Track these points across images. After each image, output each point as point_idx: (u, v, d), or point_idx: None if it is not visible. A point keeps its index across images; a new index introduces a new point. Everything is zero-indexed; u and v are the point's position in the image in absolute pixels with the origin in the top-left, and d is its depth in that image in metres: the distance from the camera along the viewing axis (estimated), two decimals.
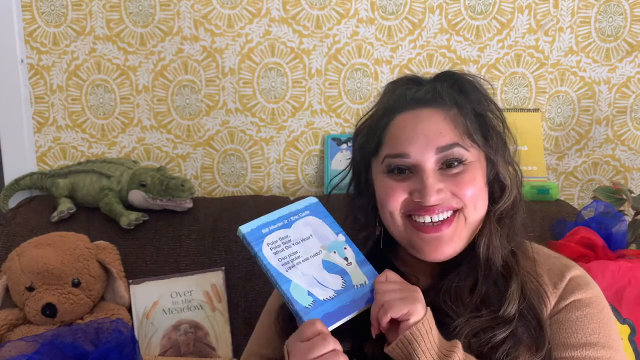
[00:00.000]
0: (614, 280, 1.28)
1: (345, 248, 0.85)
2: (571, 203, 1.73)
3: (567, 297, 0.84)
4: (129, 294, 1.42)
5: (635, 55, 1.70)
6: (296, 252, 0.82)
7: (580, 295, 0.84)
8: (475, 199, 0.84)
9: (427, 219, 0.83)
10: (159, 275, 1.44)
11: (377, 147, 0.88)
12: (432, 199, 0.81)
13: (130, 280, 1.43)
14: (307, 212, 0.86)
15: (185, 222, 1.50)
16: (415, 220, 0.84)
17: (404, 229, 0.86)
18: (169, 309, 1.43)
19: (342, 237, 0.86)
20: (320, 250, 0.83)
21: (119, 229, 1.48)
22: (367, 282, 0.82)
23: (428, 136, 0.83)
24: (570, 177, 1.77)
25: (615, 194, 1.58)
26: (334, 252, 0.84)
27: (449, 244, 0.84)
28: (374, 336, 0.77)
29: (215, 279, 1.43)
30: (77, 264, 1.36)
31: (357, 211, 0.93)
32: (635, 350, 1.23)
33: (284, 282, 0.78)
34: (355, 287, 0.81)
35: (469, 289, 0.84)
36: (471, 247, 0.86)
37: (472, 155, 0.84)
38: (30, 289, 1.34)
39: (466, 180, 0.83)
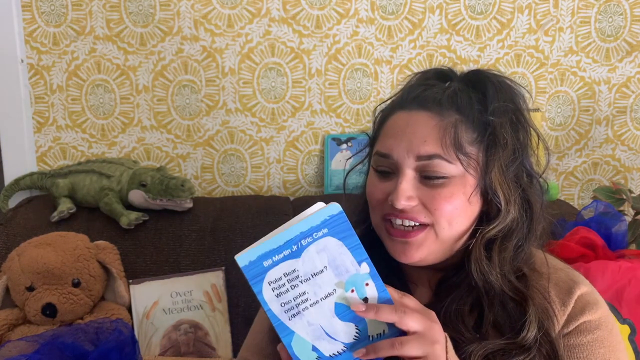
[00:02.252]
0: (614, 280, 1.28)
1: (367, 284, 0.69)
2: (571, 203, 1.73)
3: (576, 318, 0.82)
4: (129, 294, 1.42)
5: (635, 55, 1.70)
6: (304, 294, 0.68)
7: (590, 316, 0.82)
8: (449, 216, 0.80)
9: (398, 222, 0.81)
10: (159, 275, 1.44)
11: (374, 138, 0.88)
12: (401, 203, 0.79)
13: (130, 280, 1.43)
14: (325, 230, 0.68)
15: (185, 222, 1.50)
16: (390, 221, 0.83)
17: (378, 229, 0.86)
18: (169, 309, 1.43)
19: (365, 268, 0.69)
20: (335, 290, 0.68)
21: (119, 229, 1.48)
22: (385, 332, 0.69)
23: (412, 141, 0.80)
24: (570, 177, 1.77)
25: (615, 194, 1.58)
26: (352, 291, 0.69)
27: (417, 250, 0.81)
28: None
29: (215, 279, 1.43)
30: (77, 264, 1.36)
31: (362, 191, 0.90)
32: (635, 350, 1.23)
33: (285, 334, 0.68)
34: (371, 338, 0.69)
35: (469, 311, 0.82)
36: (464, 266, 0.83)
37: (456, 168, 0.79)
38: (30, 289, 1.34)
39: (442, 196, 0.79)
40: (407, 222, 0.81)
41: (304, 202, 1.62)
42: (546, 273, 0.84)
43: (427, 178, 0.80)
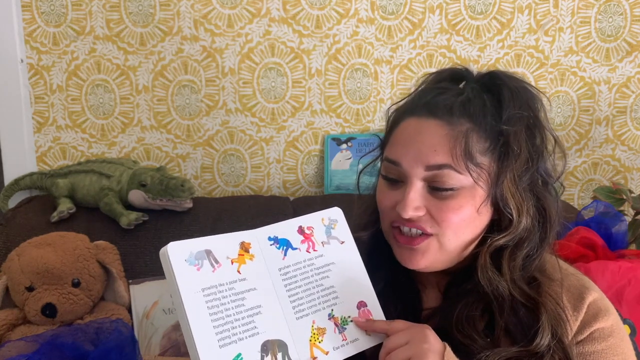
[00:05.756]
0: (614, 280, 1.28)
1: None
2: (571, 203, 1.74)
3: (589, 325, 0.81)
4: (129, 294, 1.42)
5: (635, 55, 1.70)
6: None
7: (603, 323, 0.81)
8: (456, 227, 0.79)
9: (405, 229, 0.82)
10: (159, 275, 1.44)
11: (385, 143, 0.88)
12: (408, 214, 0.79)
13: (130, 280, 1.43)
14: None
15: (185, 222, 1.50)
16: (397, 228, 0.83)
17: (387, 234, 0.86)
18: (169, 309, 1.42)
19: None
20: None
21: (119, 229, 1.48)
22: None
23: (421, 150, 0.79)
24: (570, 177, 1.77)
25: (615, 194, 1.57)
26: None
27: (423, 256, 0.82)
28: None
29: None
30: (77, 264, 1.36)
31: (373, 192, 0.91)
32: (635, 350, 1.23)
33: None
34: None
35: (480, 316, 0.81)
36: (475, 272, 0.82)
37: (466, 179, 0.78)
38: (30, 289, 1.34)
39: (450, 207, 0.78)
40: (413, 230, 0.81)
41: (304, 202, 1.62)
42: (559, 279, 0.83)
43: (436, 189, 0.79)
